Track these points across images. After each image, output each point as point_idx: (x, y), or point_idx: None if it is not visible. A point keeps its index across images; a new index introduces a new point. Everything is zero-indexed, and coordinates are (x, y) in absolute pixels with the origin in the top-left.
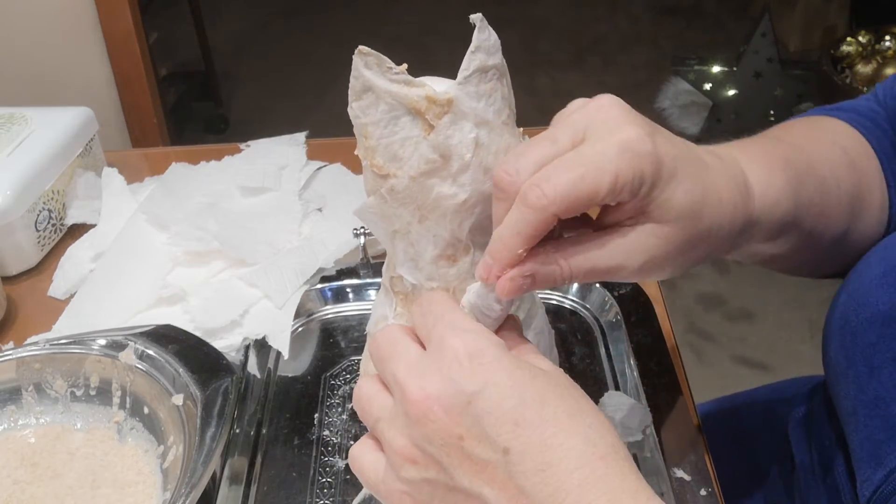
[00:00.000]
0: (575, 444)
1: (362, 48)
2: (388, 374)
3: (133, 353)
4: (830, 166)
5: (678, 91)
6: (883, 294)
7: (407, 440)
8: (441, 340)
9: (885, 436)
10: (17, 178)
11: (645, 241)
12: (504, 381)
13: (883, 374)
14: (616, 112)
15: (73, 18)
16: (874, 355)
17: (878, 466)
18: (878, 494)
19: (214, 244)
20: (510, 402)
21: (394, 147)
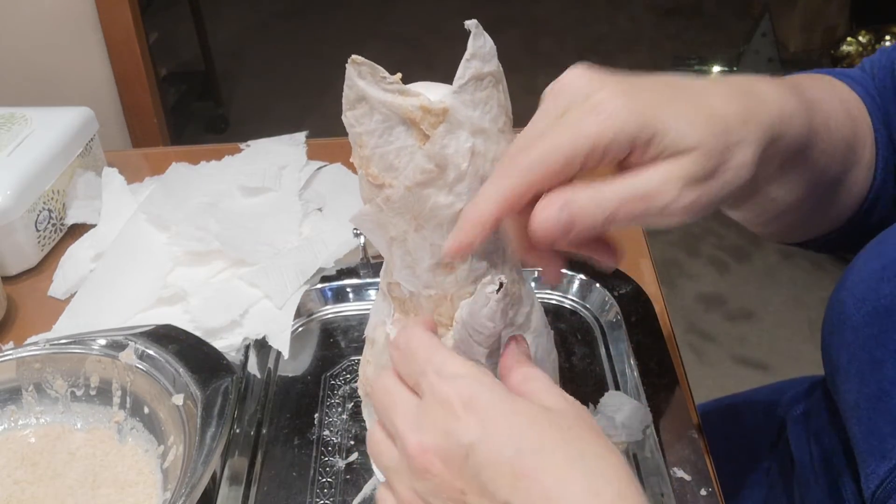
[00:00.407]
0: (577, 493)
1: (356, 57)
2: (389, 426)
3: (133, 352)
4: (832, 108)
5: None
6: (884, 287)
7: (412, 493)
8: (431, 390)
9: (889, 429)
10: (18, 177)
11: (678, 167)
12: (500, 429)
13: (885, 366)
14: (588, 78)
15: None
16: (876, 348)
17: (882, 459)
18: (883, 488)
19: (215, 244)
20: (507, 451)
21: (389, 157)
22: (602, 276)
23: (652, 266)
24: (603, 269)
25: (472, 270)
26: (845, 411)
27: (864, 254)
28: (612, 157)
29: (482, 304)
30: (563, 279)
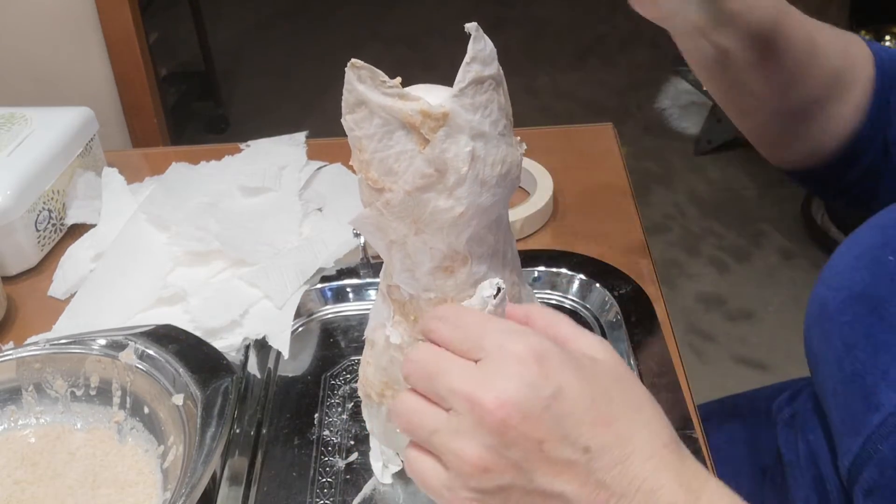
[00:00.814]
0: (644, 435)
1: (355, 61)
2: (443, 389)
3: (133, 352)
4: (826, 38)
5: (678, 91)
6: (856, 275)
7: (480, 449)
8: (501, 347)
9: (862, 407)
10: (18, 177)
11: None
12: (574, 381)
13: (857, 349)
14: None
15: (73, 18)
16: (850, 334)
17: (856, 436)
18: (856, 462)
19: (215, 244)
20: (584, 401)
21: (388, 161)
22: (602, 276)
23: (652, 266)
24: None
25: (472, 274)
26: (825, 400)
27: (840, 248)
28: None
29: (480, 308)
30: (564, 279)
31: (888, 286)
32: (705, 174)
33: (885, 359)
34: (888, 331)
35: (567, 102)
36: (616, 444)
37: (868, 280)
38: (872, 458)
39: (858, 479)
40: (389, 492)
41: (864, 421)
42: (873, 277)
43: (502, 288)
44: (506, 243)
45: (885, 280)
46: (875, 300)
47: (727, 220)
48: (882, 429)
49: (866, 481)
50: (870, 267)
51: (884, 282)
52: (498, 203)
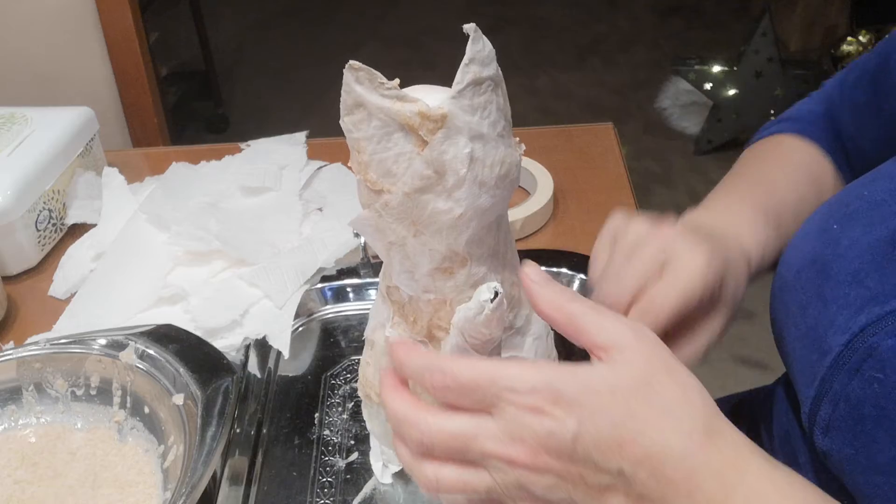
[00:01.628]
0: (674, 437)
1: (353, 63)
2: (477, 454)
3: (133, 352)
4: (799, 191)
5: (679, 91)
6: (807, 246)
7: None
8: (515, 405)
9: (815, 356)
10: (18, 177)
11: (712, 325)
12: (592, 412)
13: (810, 308)
14: (684, 242)
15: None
16: (803, 296)
17: (811, 384)
18: (812, 407)
19: (215, 244)
20: (606, 429)
21: (387, 163)
22: None
23: None
24: None
25: (471, 275)
26: (787, 364)
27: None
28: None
29: (477, 312)
30: (564, 279)
31: (833, 249)
32: (705, 174)
33: (833, 308)
34: (835, 286)
35: (567, 102)
36: (646, 458)
37: (818, 248)
38: (826, 396)
39: (816, 421)
40: (389, 491)
41: (818, 366)
42: (821, 244)
43: (500, 292)
44: (505, 244)
45: (830, 245)
46: (822, 263)
47: None
48: (832, 369)
49: (822, 420)
50: (818, 235)
51: (829, 246)
52: (497, 204)
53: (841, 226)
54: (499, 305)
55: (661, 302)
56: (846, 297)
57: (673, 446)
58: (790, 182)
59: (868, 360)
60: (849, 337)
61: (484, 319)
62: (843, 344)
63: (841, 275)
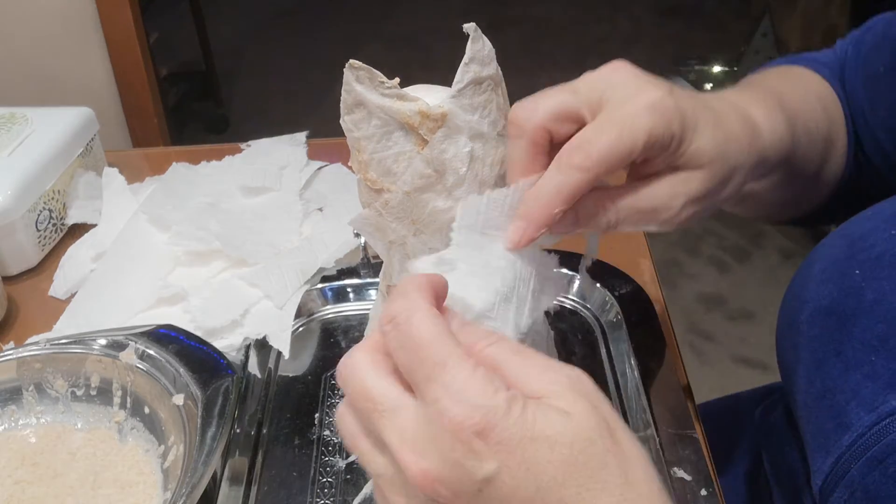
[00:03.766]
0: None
1: (353, 62)
2: (374, 433)
3: (134, 352)
4: (810, 111)
5: None
6: (823, 289)
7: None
8: (438, 407)
9: (832, 425)
10: (18, 178)
11: (684, 185)
12: (518, 463)
13: (827, 366)
14: (632, 75)
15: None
16: (819, 349)
17: (826, 455)
18: (827, 482)
19: (215, 244)
20: (525, 489)
21: (387, 162)
22: (602, 276)
23: (652, 266)
24: None
25: None
26: (797, 412)
27: (808, 258)
28: (654, 153)
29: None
30: (564, 279)
31: (855, 301)
32: None
33: (855, 377)
34: (858, 348)
35: None
36: None
37: (835, 294)
38: (843, 479)
39: (829, 500)
40: None
41: (834, 441)
42: (840, 291)
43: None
44: None
45: (852, 295)
46: (843, 316)
47: (727, 220)
48: (852, 450)
49: (837, 502)
50: (836, 280)
51: (851, 297)
52: None
53: (864, 273)
54: None
55: (595, 137)
56: (871, 366)
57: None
58: (802, 98)
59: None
60: (875, 418)
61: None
62: (867, 425)
63: (866, 335)
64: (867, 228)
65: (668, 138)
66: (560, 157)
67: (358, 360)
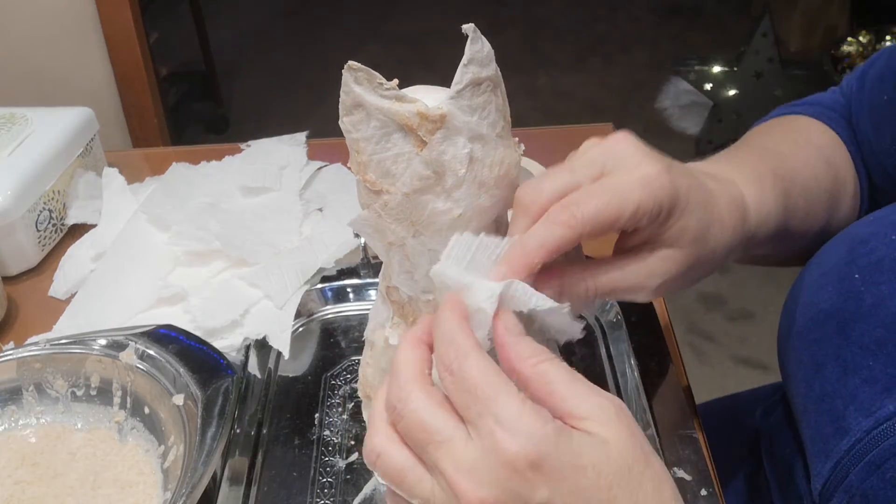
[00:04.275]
0: None
1: (352, 63)
2: (430, 460)
3: (133, 352)
4: (811, 168)
5: (679, 91)
6: (823, 293)
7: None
8: (494, 441)
9: (831, 430)
10: (18, 178)
11: (662, 264)
12: (569, 491)
13: (826, 369)
14: (633, 149)
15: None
16: (818, 352)
17: (826, 459)
18: (826, 487)
19: (215, 244)
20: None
21: (386, 163)
22: None
23: None
24: None
25: None
26: (797, 416)
27: (809, 263)
28: (642, 224)
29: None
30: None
31: (855, 306)
32: None
33: (854, 381)
34: (857, 352)
35: (567, 102)
36: None
37: (835, 298)
38: (842, 484)
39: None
40: None
41: (833, 445)
42: (840, 296)
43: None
44: None
45: (851, 299)
46: (842, 320)
47: None
48: (850, 455)
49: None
50: (836, 285)
51: (851, 301)
52: (496, 205)
53: (864, 277)
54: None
55: (585, 200)
56: (870, 370)
57: None
58: (802, 157)
59: (893, 459)
60: (872, 423)
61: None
62: (865, 430)
63: (864, 339)
64: (868, 233)
65: (657, 212)
66: (549, 213)
67: (410, 393)
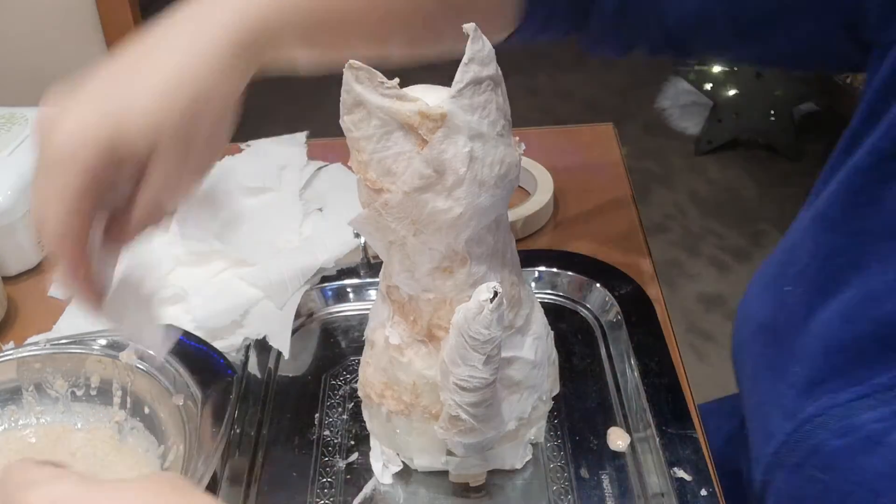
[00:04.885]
0: None
1: (353, 62)
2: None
3: (133, 352)
4: None
5: (679, 91)
6: (760, 306)
7: None
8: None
9: (762, 436)
10: (18, 178)
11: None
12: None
13: (762, 379)
14: None
15: (73, 18)
16: (757, 364)
17: (758, 464)
18: (761, 490)
19: (215, 244)
20: None
21: (387, 162)
22: (602, 276)
23: (652, 266)
24: None
25: (471, 275)
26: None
27: (755, 274)
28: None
29: (476, 312)
30: (564, 279)
31: (786, 317)
32: (705, 174)
33: (781, 387)
34: (786, 360)
35: (567, 102)
36: None
37: (769, 310)
38: (770, 486)
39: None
40: (389, 492)
41: (762, 451)
42: (773, 308)
43: (499, 292)
44: (505, 244)
45: (783, 310)
46: (775, 331)
47: (727, 220)
48: (776, 458)
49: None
50: (771, 296)
51: (782, 311)
52: (497, 204)
53: (794, 287)
54: (498, 305)
55: None
56: (795, 376)
57: None
58: None
59: (812, 457)
60: (794, 426)
61: (484, 319)
62: (787, 433)
63: (793, 347)
64: (792, 242)
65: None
66: None
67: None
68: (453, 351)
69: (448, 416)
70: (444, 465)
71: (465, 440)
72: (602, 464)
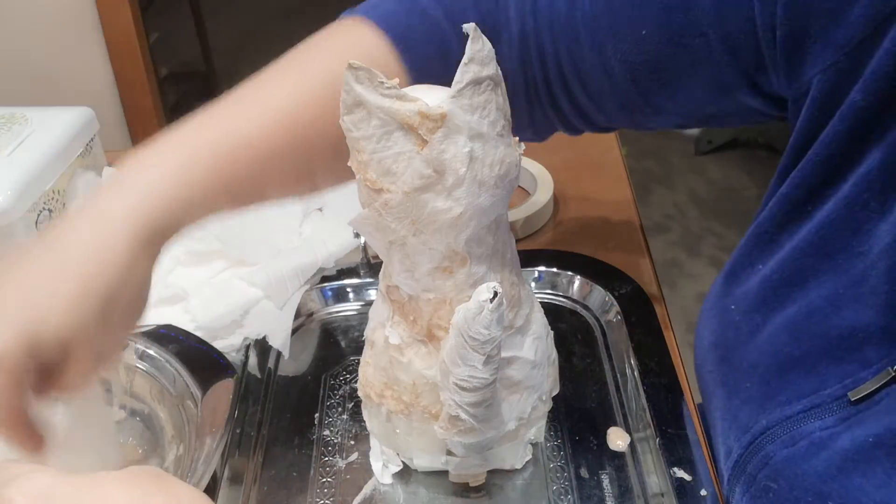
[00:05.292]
0: None
1: (353, 62)
2: None
3: (133, 352)
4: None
5: None
6: (709, 327)
7: None
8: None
9: (721, 451)
10: (18, 178)
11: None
12: None
13: (716, 397)
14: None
15: (73, 18)
16: (710, 382)
17: (722, 481)
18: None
19: (215, 244)
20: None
21: (387, 162)
22: (602, 276)
23: (652, 266)
24: None
25: (471, 275)
26: None
27: (708, 293)
28: None
29: (476, 312)
30: (564, 279)
31: (733, 335)
32: (705, 174)
33: (735, 403)
34: (738, 377)
35: None
36: None
37: (718, 330)
38: (731, 500)
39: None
40: (389, 492)
41: (723, 466)
42: (721, 327)
43: (499, 292)
44: (505, 244)
45: (729, 329)
46: (724, 349)
47: (727, 220)
48: (734, 473)
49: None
50: (717, 317)
51: (730, 330)
52: (497, 204)
53: (738, 307)
54: (498, 305)
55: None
56: (747, 392)
57: None
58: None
59: (763, 468)
60: (749, 439)
61: (483, 320)
62: (743, 446)
63: (742, 364)
64: (735, 261)
65: None
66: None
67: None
68: (453, 351)
69: (448, 416)
70: (443, 465)
71: (465, 440)
72: (602, 464)
